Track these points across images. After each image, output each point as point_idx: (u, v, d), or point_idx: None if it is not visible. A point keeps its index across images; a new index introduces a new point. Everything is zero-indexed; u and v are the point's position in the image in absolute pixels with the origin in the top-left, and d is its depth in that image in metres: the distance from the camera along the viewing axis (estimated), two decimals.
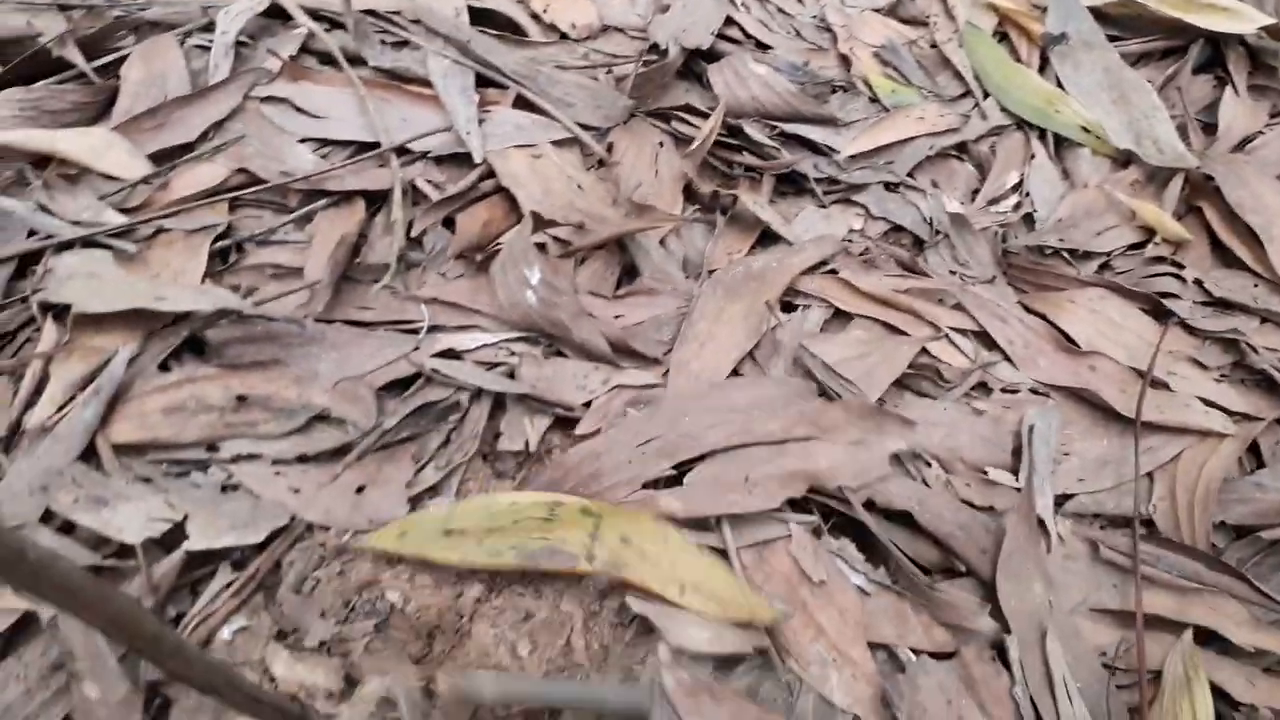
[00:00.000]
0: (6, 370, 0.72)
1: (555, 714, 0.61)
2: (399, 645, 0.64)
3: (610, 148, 0.93)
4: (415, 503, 0.69)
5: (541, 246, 0.81)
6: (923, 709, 0.62)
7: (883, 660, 0.66)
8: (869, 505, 0.69)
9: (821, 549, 0.69)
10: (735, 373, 0.75)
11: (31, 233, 0.82)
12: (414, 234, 0.83)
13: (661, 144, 0.95)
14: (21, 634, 0.62)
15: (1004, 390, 0.78)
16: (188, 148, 0.90)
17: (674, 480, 0.70)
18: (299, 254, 0.83)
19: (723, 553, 0.68)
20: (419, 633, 0.64)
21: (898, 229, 0.92)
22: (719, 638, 0.64)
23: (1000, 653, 0.66)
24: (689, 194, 0.91)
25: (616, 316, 0.78)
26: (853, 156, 0.95)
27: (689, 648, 0.63)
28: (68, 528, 0.65)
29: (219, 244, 0.82)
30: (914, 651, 0.64)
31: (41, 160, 0.87)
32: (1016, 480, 0.72)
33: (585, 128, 0.95)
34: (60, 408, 0.69)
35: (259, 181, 0.87)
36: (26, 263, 0.80)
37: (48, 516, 0.64)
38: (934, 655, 0.65)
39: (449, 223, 0.85)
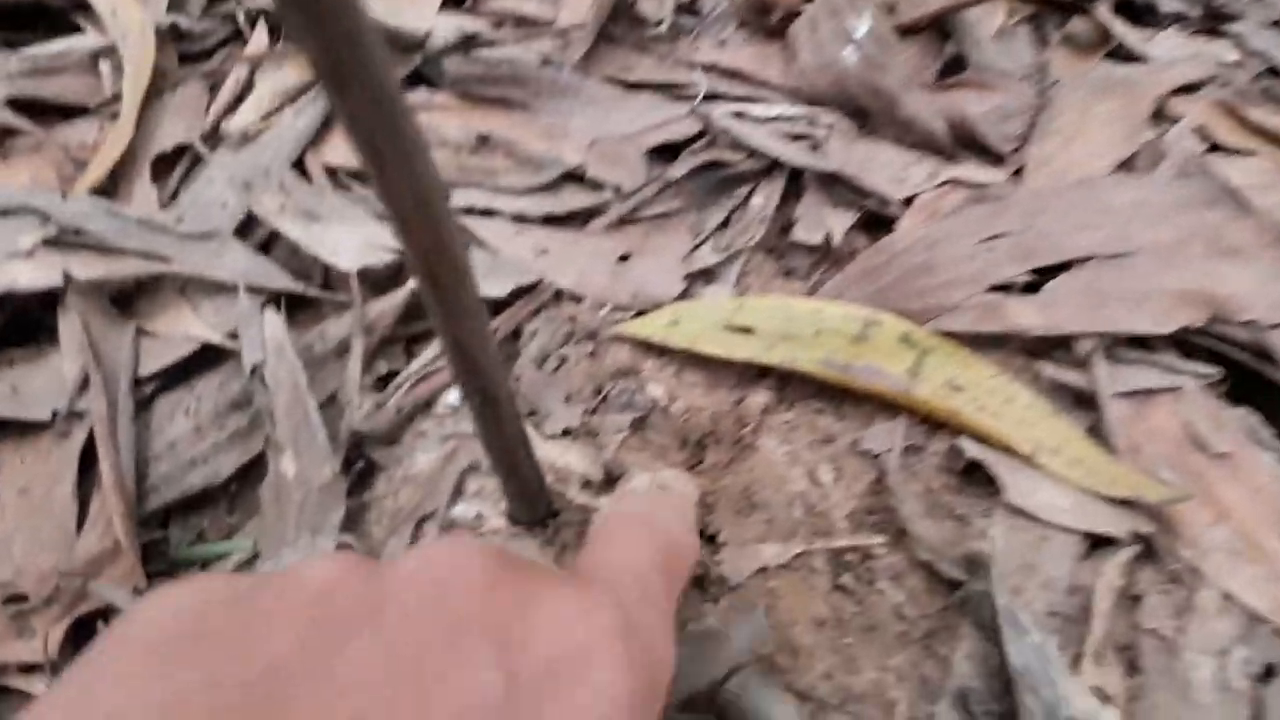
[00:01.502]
0: (206, 75, 0.58)
1: None
2: (659, 449, 0.48)
3: None
4: (686, 285, 0.53)
5: None
6: None
7: None
8: None
9: (1223, 411, 0.50)
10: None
11: None
12: None
13: None
14: (198, 365, 0.48)
15: None
16: None
17: (1030, 290, 0.52)
18: (546, 6, 0.68)
19: (1085, 401, 0.50)
20: (685, 438, 0.49)
21: (1273, 72, 0.72)
22: (1085, 512, 0.47)
23: None
24: (1010, 13, 0.73)
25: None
26: None
27: (1042, 517, 0.46)
28: (266, 245, 0.50)
29: None
30: None
31: None
32: None
33: None
34: (266, 116, 0.55)
35: None
36: None
37: (247, 226, 0.50)
38: None
39: None
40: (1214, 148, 0.64)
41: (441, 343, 0.28)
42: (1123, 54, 0.70)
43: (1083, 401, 0.52)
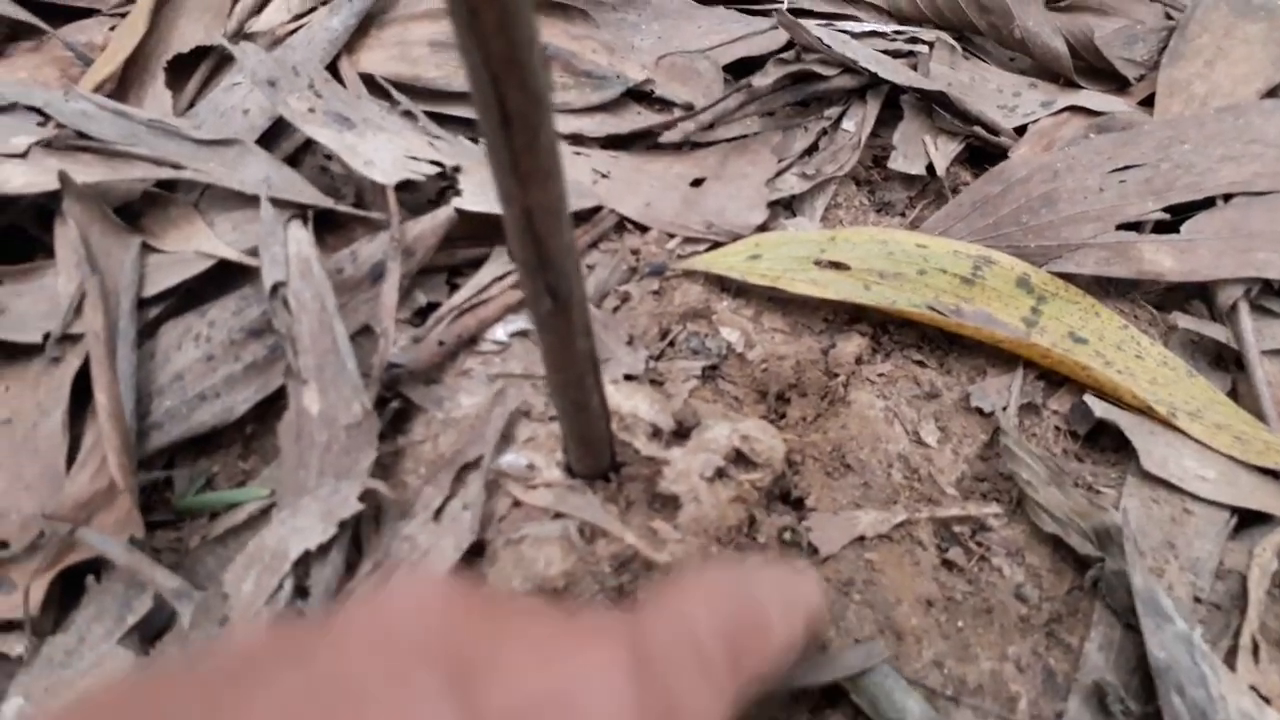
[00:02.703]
0: None
1: None
2: (733, 402, 0.42)
3: None
4: (767, 215, 0.47)
5: None
6: None
7: None
8: None
9: None
10: None
11: None
12: None
13: None
14: (211, 286, 0.41)
15: None
16: None
17: (1163, 229, 0.45)
18: None
19: (1227, 359, 0.44)
20: (764, 390, 0.42)
21: None
22: (1233, 484, 0.40)
23: None
24: None
25: None
26: None
27: (1184, 487, 0.39)
28: (293, 159, 0.44)
29: None
30: None
31: None
32: None
33: None
34: (297, 17, 0.49)
35: None
36: None
37: (273, 136, 0.44)
38: None
39: None
40: None
41: (506, 214, 0.22)
42: None
43: (1222, 359, 0.45)
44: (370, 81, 0.48)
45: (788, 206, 0.48)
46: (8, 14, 0.49)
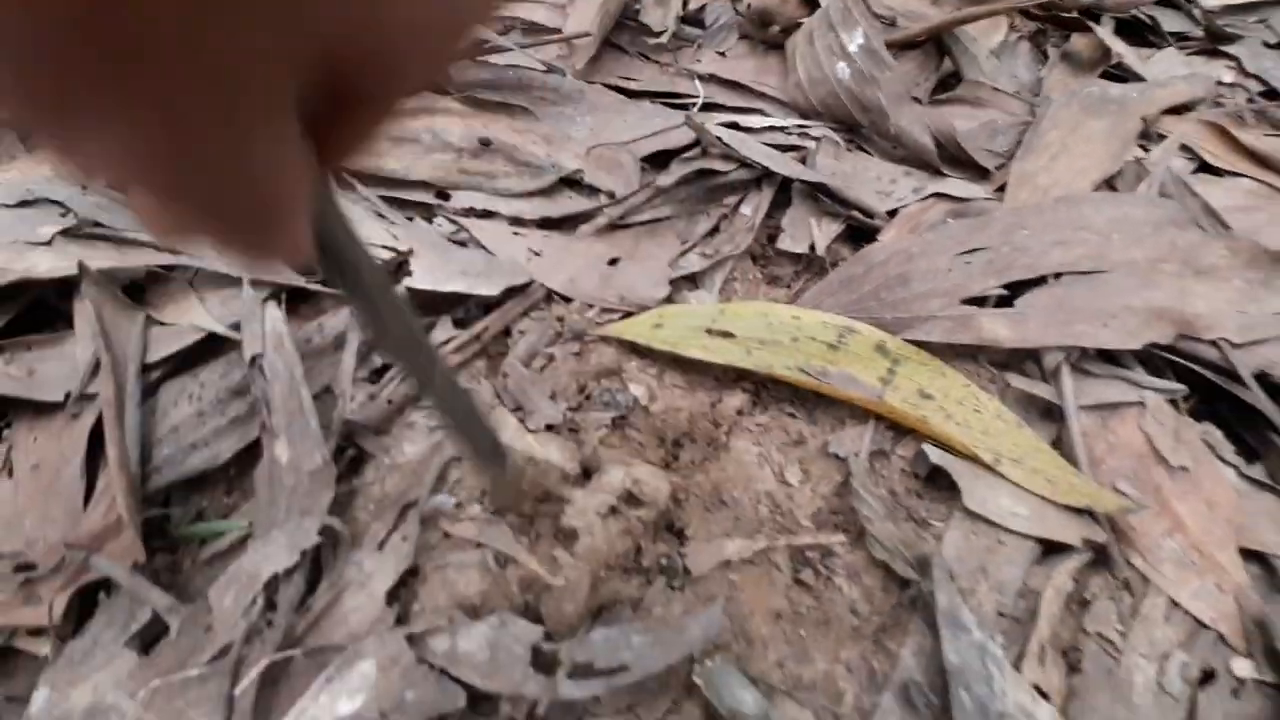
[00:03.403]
0: None
1: None
2: (637, 447, 0.51)
3: None
4: (672, 289, 0.56)
5: None
6: None
7: (1256, 574, 0.49)
8: (1260, 378, 0.52)
9: (1185, 426, 0.52)
10: None
11: None
12: (691, 6, 0.69)
13: None
14: (202, 354, 0.51)
15: None
16: None
17: (1003, 304, 0.54)
18: (555, 14, 0.70)
19: (1054, 413, 0.52)
20: (662, 437, 0.51)
21: (1273, 94, 0.73)
22: (1040, 519, 0.48)
23: None
24: (1013, 29, 0.74)
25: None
26: (1221, 9, 0.76)
27: (999, 522, 0.48)
28: None
29: None
30: None
31: None
32: None
33: None
34: None
35: None
36: None
37: None
38: None
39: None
40: (1203, 167, 0.65)
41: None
42: (1121, 72, 0.71)
43: (1050, 413, 0.54)
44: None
45: (692, 280, 0.57)
46: None
